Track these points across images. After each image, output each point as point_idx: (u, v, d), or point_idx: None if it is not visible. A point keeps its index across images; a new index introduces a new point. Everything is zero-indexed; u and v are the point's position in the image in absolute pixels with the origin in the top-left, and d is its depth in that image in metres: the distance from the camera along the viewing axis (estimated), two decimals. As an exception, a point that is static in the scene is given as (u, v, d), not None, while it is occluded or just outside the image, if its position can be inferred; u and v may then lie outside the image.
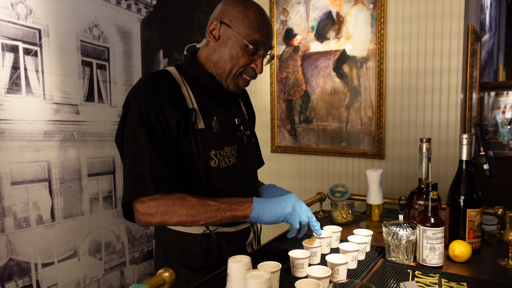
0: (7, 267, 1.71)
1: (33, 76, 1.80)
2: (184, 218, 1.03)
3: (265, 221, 1.04)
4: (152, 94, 1.08)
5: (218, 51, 1.16)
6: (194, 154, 1.11)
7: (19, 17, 1.74)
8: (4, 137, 1.70)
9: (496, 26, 4.82)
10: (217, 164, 1.16)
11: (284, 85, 2.80)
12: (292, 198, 1.07)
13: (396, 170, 2.42)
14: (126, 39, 2.26)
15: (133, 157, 1.06)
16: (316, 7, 2.62)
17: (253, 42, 1.13)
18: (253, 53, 1.15)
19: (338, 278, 1.02)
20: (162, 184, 1.03)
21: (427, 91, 2.30)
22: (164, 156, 1.06)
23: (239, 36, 1.13)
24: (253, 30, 1.13)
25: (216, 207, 1.04)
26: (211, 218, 1.04)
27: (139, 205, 1.04)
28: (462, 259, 1.18)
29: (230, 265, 0.84)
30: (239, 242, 1.25)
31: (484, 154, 1.35)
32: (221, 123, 1.19)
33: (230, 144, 1.20)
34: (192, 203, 1.03)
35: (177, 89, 1.14)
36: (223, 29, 1.15)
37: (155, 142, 1.06)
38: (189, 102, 1.14)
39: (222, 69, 1.17)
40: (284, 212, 1.03)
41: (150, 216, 1.04)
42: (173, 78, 1.17)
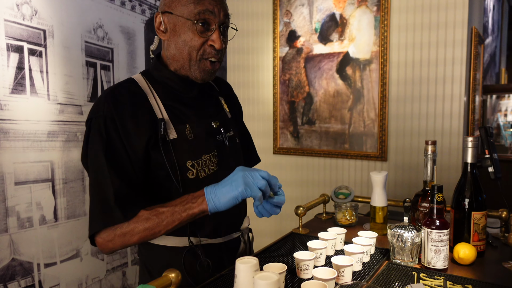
0: (9, 267, 1.71)
1: (37, 76, 1.80)
2: (143, 234, 0.98)
3: (225, 207, 0.96)
4: (113, 110, 1.00)
5: (171, 44, 1.08)
6: (168, 168, 1.03)
7: (24, 18, 1.75)
8: (8, 137, 1.70)
9: (498, 29, 4.83)
10: (195, 175, 1.08)
11: (287, 86, 2.80)
12: (240, 173, 0.96)
13: (398, 172, 2.42)
14: (130, 40, 2.26)
15: (95, 183, 1.00)
16: (320, 9, 2.62)
17: (197, 16, 1.03)
18: (205, 29, 1.05)
19: (344, 280, 1.02)
20: (128, 208, 0.98)
21: (430, 93, 2.30)
22: (126, 177, 0.99)
23: (182, 18, 1.04)
24: (193, 5, 1.03)
25: (170, 212, 0.97)
26: (170, 225, 0.98)
27: (98, 236, 0.99)
28: (467, 261, 1.18)
29: (238, 266, 0.84)
30: (228, 254, 1.18)
31: (489, 156, 1.35)
32: (195, 130, 1.10)
33: (209, 151, 1.11)
34: (146, 216, 0.98)
35: (143, 99, 1.06)
36: (167, 19, 1.07)
37: (116, 164, 0.99)
38: (157, 111, 1.06)
39: (182, 59, 1.08)
40: (238, 190, 0.94)
41: (110, 243, 0.99)
42: (138, 87, 1.09)
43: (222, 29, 1.08)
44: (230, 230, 1.19)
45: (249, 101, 2.97)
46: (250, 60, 2.96)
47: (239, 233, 1.22)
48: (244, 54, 2.99)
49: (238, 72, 3.02)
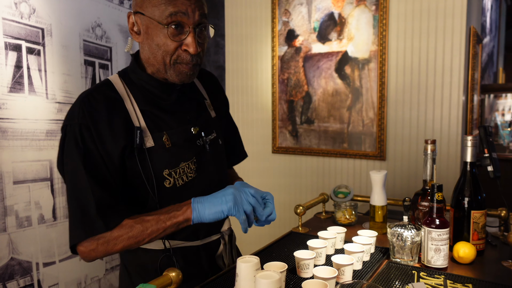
0: (8, 266, 1.71)
1: (35, 75, 1.80)
2: (127, 242, 0.96)
3: (209, 218, 0.96)
4: (87, 118, 0.96)
5: (145, 47, 1.01)
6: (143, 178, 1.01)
7: (23, 16, 1.74)
8: (7, 136, 1.69)
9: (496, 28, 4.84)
10: (172, 184, 1.05)
11: (285, 86, 2.80)
12: (231, 190, 0.97)
13: (397, 172, 2.42)
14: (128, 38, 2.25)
15: (74, 192, 0.97)
16: (318, 8, 2.62)
17: (168, 19, 0.95)
18: (178, 31, 0.97)
19: (344, 279, 1.03)
20: (110, 217, 0.95)
21: (429, 93, 2.31)
22: (106, 186, 0.97)
23: (154, 20, 0.96)
24: (164, 6, 0.95)
25: (155, 221, 0.96)
26: (154, 233, 0.96)
27: (80, 245, 0.97)
28: (467, 260, 1.18)
29: (239, 265, 0.84)
30: (207, 255, 1.16)
31: (488, 156, 1.35)
32: (173, 138, 1.06)
33: (187, 159, 1.07)
34: (130, 224, 0.96)
35: (119, 105, 1.01)
36: (139, 20, 1.00)
37: (95, 173, 0.96)
38: (134, 119, 1.02)
39: (156, 63, 1.01)
40: (227, 207, 0.94)
41: (93, 252, 0.96)
42: (115, 91, 1.03)
43: (199, 30, 1.01)
44: (210, 232, 1.17)
45: (247, 100, 2.97)
46: (249, 59, 2.96)
47: (218, 235, 1.19)
48: (242, 53, 2.98)
49: (236, 71, 3.01)
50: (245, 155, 1.40)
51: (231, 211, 0.94)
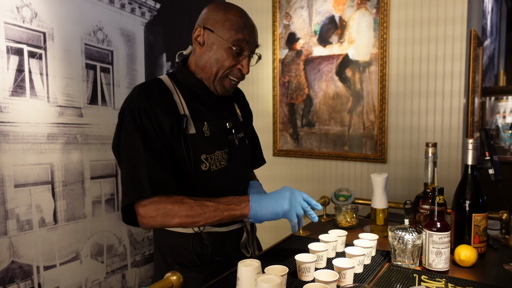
0: (9, 270, 1.71)
1: (37, 79, 1.80)
2: (184, 220, 1.06)
3: (264, 219, 1.07)
4: (145, 101, 1.12)
5: (204, 56, 1.19)
6: (185, 158, 1.14)
7: (24, 20, 1.74)
8: (8, 140, 1.70)
9: (497, 31, 4.85)
10: (208, 168, 1.18)
11: (286, 89, 2.80)
12: (287, 193, 1.08)
13: (398, 175, 2.42)
14: (129, 42, 2.26)
15: (130, 163, 1.09)
16: (319, 11, 2.63)
17: (236, 43, 1.15)
18: (238, 54, 1.17)
19: (345, 282, 1.02)
20: (159, 187, 1.07)
21: (430, 96, 2.31)
22: (160, 160, 1.09)
23: (222, 39, 1.15)
24: (234, 32, 1.15)
25: (214, 208, 1.07)
26: (210, 218, 1.07)
27: (141, 209, 1.08)
28: (468, 263, 1.18)
29: (240, 269, 0.83)
30: (232, 242, 1.27)
31: (489, 159, 1.35)
32: (212, 128, 1.21)
33: (221, 148, 1.22)
34: (191, 204, 1.06)
35: (169, 96, 1.17)
36: (207, 34, 1.17)
37: (151, 147, 1.09)
38: (180, 108, 1.17)
39: (209, 72, 1.19)
40: (282, 209, 1.06)
41: (152, 219, 1.07)
42: (165, 85, 1.20)
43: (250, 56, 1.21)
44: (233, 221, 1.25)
45: (248, 102, 2.97)
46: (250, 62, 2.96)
47: (241, 224, 1.30)
48: (243, 56, 2.99)
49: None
50: (264, 162, 1.56)
51: (286, 214, 1.06)
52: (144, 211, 1.07)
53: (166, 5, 2.48)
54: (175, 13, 2.56)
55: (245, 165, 1.35)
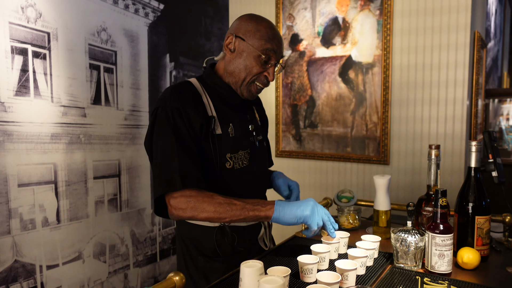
0: (12, 269, 1.71)
1: (41, 79, 1.81)
2: (211, 215, 1.13)
3: (285, 222, 1.14)
4: (178, 101, 1.20)
5: (233, 62, 1.27)
6: (212, 156, 1.23)
7: (29, 21, 1.75)
8: (12, 139, 1.70)
9: (500, 33, 4.83)
10: (232, 166, 1.27)
11: (289, 90, 2.80)
12: (311, 202, 1.16)
13: (401, 176, 2.42)
14: (133, 43, 2.27)
15: (162, 159, 1.17)
16: (322, 12, 2.63)
17: (264, 52, 1.24)
18: (265, 62, 1.25)
19: (348, 284, 1.02)
20: (189, 180, 1.14)
21: (433, 97, 2.30)
22: (191, 156, 1.18)
23: (252, 48, 1.24)
24: (264, 41, 1.24)
25: (241, 207, 1.14)
26: (236, 216, 1.13)
27: (172, 200, 1.15)
28: (471, 266, 1.17)
29: (243, 269, 0.84)
30: (250, 235, 1.35)
31: (492, 161, 1.35)
32: (236, 129, 1.30)
33: (244, 148, 1.31)
34: (219, 201, 1.14)
35: (199, 97, 1.26)
36: (238, 42, 1.26)
37: (182, 144, 1.17)
38: (209, 110, 1.26)
39: (238, 77, 1.27)
40: (304, 214, 1.13)
41: (181, 211, 1.15)
42: (195, 88, 1.28)
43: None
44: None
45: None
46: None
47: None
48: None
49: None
50: (272, 163, 1.65)
51: (307, 219, 1.13)
52: (175, 202, 1.15)
53: (169, 6, 2.49)
54: (178, 14, 2.57)
55: (264, 164, 1.46)
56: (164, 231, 2.51)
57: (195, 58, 2.72)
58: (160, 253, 2.49)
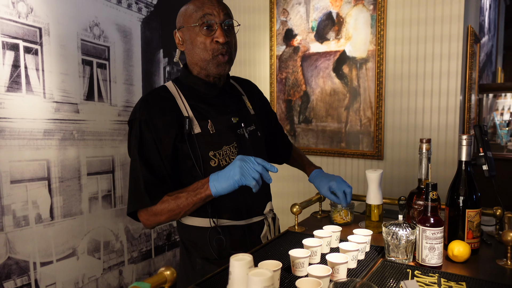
0: (5, 266, 1.71)
1: (33, 74, 1.80)
2: (168, 214, 1.19)
3: (226, 191, 1.15)
4: (145, 114, 1.20)
5: (190, 52, 1.27)
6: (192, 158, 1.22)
7: (20, 16, 1.74)
8: (4, 136, 1.70)
9: (495, 28, 4.84)
10: (217, 164, 1.24)
11: (283, 85, 2.80)
12: (237, 162, 1.13)
13: (395, 171, 2.43)
14: (126, 38, 2.26)
15: (131, 174, 1.22)
16: (316, 7, 2.63)
17: (200, 21, 1.22)
18: (209, 30, 1.22)
19: (338, 277, 1.03)
20: (155, 194, 1.19)
21: (427, 93, 2.31)
22: (155, 170, 1.20)
23: (190, 26, 1.23)
24: (195, 13, 1.23)
25: (185, 197, 1.18)
26: (186, 207, 1.18)
27: (139, 215, 1.24)
28: (461, 259, 1.18)
29: (232, 263, 0.84)
30: (252, 234, 1.33)
31: (483, 155, 1.35)
32: (216, 125, 1.27)
33: (229, 143, 1.27)
34: (168, 201, 1.19)
35: (171, 102, 1.25)
36: (182, 33, 1.27)
37: (147, 158, 1.19)
38: (183, 110, 1.24)
39: (199, 61, 1.25)
40: (234, 179, 1.12)
41: (148, 221, 1.23)
42: (168, 92, 1.28)
43: (226, 28, 1.25)
44: (252, 213, 1.33)
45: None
46: (247, 58, 2.96)
47: (262, 217, 1.36)
48: (240, 53, 2.98)
49: (234, 70, 3.00)
50: (291, 145, 1.67)
51: (241, 182, 1.12)
52: (140, 216, 1.23)
53: (163, 1, 2.48)
54: (172, 9, 2.56)
55: (260, 156, 1.38)
56: (158, 228, 2.51)
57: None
58: (155, 249, 2.49)
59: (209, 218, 1.26)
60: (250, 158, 1.14)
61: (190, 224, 1.30)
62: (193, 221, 1.29)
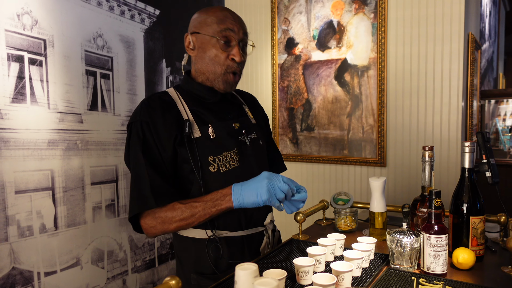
0: (10, 276, 1.71)
1: (37, 85, 1.82)
2: (180, 223, 1.14)
3: (248, 206, 1.12)
4: (146, 115, 1.18)
5: (199, 59, 1.25)
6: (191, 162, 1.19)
7: (25, 28, 1.76)
8: (9, 146, 1.71)
9: (495, 34, 4.86)
10: (216, 169, 1.21)
11: (285, 93, 2.81)
12: (265, 181, 1.10)
13: (397, 178, 2.43)
14: (129, 48, 2.28)
15: (134, 177, 1.17)
16: (317, 16, 2.65)
17: (220, 34, 1.20)
18: (226, 45, 1.21)
19: (343, 285, 1.03)
20: (161, 196, 1.14)
21: (428, 99, 2.32)
22: (160, 171, 1.16)
23: (208, 36, 1.21)
24: (216, 25, 1.21)
25: (202, 207, 1.14)
26: (202, 217, 1.14)
27: (143, 221, 1.17)
28: (466, 266, 1.18)
29: (238, 272, 0.84)
30: (250, 247, 1.29)
31: (486, 161, 1.36)
32: (217, 130, 1.25)
33: (229, 149, 1.25)
34: (182, 209, 1.14)
35: (172, 106, 1.23)
36: (195, 38, 1.24)
37: (151, 160, 1.16)
38: (184, 114, 1.22)
39: (208, 72, 1.25)
40: (262, 199, 1.10)
41: (153, 228, 1.17)
42: (169, 96, 1.26)
43: (242, 46, 1.25)
44: (252, 224, 1.30)
45: (248, 108, 2.98)
46: (249, 68, 2.98)
47: (262, 228, 1.32)
48: (243, 62, 3.00)
49: (237, 79, 3.03)
50: (284, 169, 1.56)
51: (266, 202, 1.10)
52: (144, 222, 1.17)
53: (165, 12, 2.50)
54: (174, 19, 2.58)
55: (260, 164, 1.35)
56: (162, 236, 2.51)
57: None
58: (159, 258, 2.49)
59: (206, 229, 1.22)
60: (278, 177, 1.12)
61: (186, 235, 1.25)
62: (189, 233, 1.25)
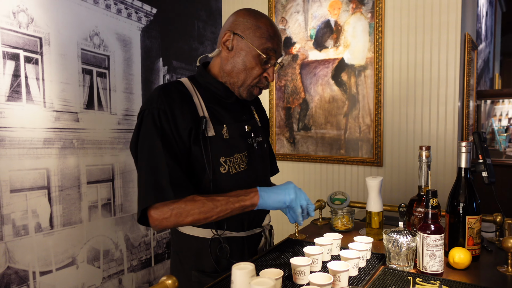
0: (5, 275, 1.70)
1: (33, 84, 1.81)
2: (197, 216, 1.09)
3: (271, 207, 1.14)
4: (165, 103, 1.13)
5: (231, 61, 1.21)
6: (204, 160, 1.16)
7: (21, 26, 1.75)
8: (4, 145, 1.70)
9: (491, 34, 4.88)
10: (227, 170, 1.20)
11: (282, 93, 2.81)
12: (292, 185, 1.16)
13: (394, 178, 2.43)
14: (126, 47, 2.27)
15: (149, 166, 1.10)
16: (315, 16, 2.65)
17: (265, 51, 1.18)
18: (266, 62, 1.20)
19: (340, 285, 1.03)
20: (179, 189, 1.09)
21: (425, 99, 2.32)
22: (179, 162, 1.12)
23: (252, 46, 1.18)
24: (265, 40, 1.18)
25: (225, 201, 1.10)
26: (222, 212, 1.10)
27: (154, 211, 1.09)
28: (462, 266, 1.18)
29: (234, 272, 0.84)
30: (250, 247, 1.30)
31: (482, 161, 1.36)
32: (231, 131, 1.23)
33: (240, 151, 1.24)
34: (203, 201, 1.10)
35: (188, 98, 1.19)
36: (236, 40, 1.19)
37: (170, 149, 1.11)
38: (200, 110, 1.18)
39: (236, 78, 1.22)
40: (289, 198, 1.13)
41: (165, 220, 1.09)
42: (185, 87, 1.21)
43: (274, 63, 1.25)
44: (253, 225, 1.30)
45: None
46: (246, 67, 2.97)
47: (260, 229, 1.33)
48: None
49: (234, 78, 3.02)
50: (277, 171, 1.59)
51: (292, 202, 1.14)
52: (157, 213, 1.08)
53: (162, 10, 2.50)
54: (171, 18, 2.58)
55: (265, 168, 1.37)
56: (158, 236, 2.51)
57: (188, 62, 2.72)
58: (155, 257, 2.48)
59: (210, 228, 1.22)
60: (299, 189, 1.18)
61: (189, 233, 1.25)
62: (192, 231, 1.24)
